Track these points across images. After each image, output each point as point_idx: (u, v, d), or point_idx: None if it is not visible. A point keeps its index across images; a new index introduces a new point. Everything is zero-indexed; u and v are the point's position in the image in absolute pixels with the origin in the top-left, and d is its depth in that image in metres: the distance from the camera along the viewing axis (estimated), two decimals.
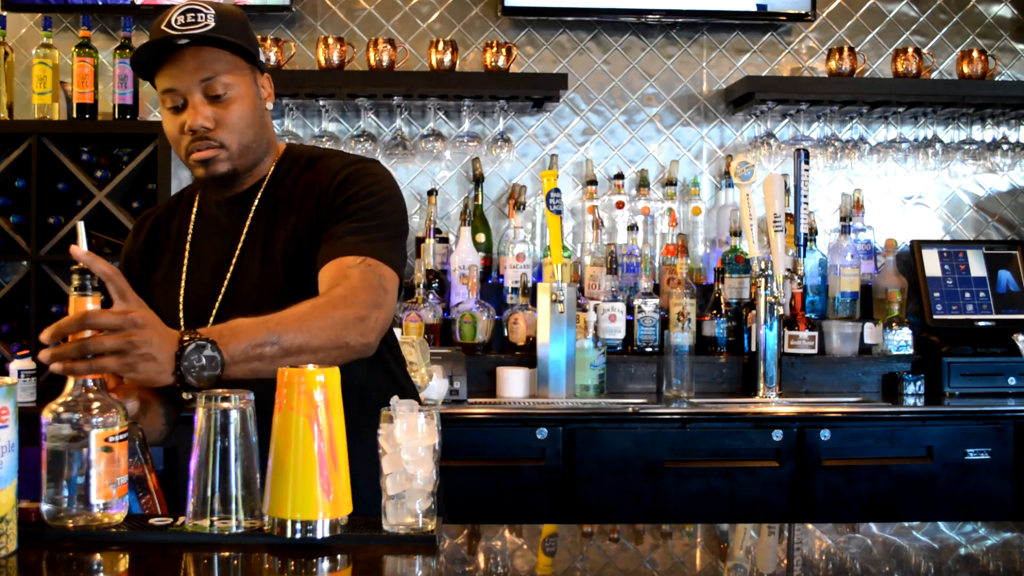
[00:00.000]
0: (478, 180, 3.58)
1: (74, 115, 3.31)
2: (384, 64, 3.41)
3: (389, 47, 3.42)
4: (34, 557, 1.32)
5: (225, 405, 1.38)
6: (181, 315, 1.74)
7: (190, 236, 1.81)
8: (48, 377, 3.18)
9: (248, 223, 1.76)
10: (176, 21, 1.65)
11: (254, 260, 1.74)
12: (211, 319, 1.71)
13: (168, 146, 3.22)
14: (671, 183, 3.62)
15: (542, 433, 2.87)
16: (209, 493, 1.37)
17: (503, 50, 3.46)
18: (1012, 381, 3.29)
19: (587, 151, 3.68)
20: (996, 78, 3.67)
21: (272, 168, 1.79)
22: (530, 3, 3.55)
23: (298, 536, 1.34)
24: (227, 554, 1.35)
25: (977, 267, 3.57)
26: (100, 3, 3.47)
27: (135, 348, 1.33)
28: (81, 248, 1.34)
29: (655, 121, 3.71)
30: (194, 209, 1.83)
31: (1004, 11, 3.76)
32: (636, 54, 3.70)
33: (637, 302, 3.39)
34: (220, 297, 1.73)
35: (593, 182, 3.59)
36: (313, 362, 1.40)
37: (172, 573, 1.32)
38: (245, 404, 1.39)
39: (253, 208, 1.76)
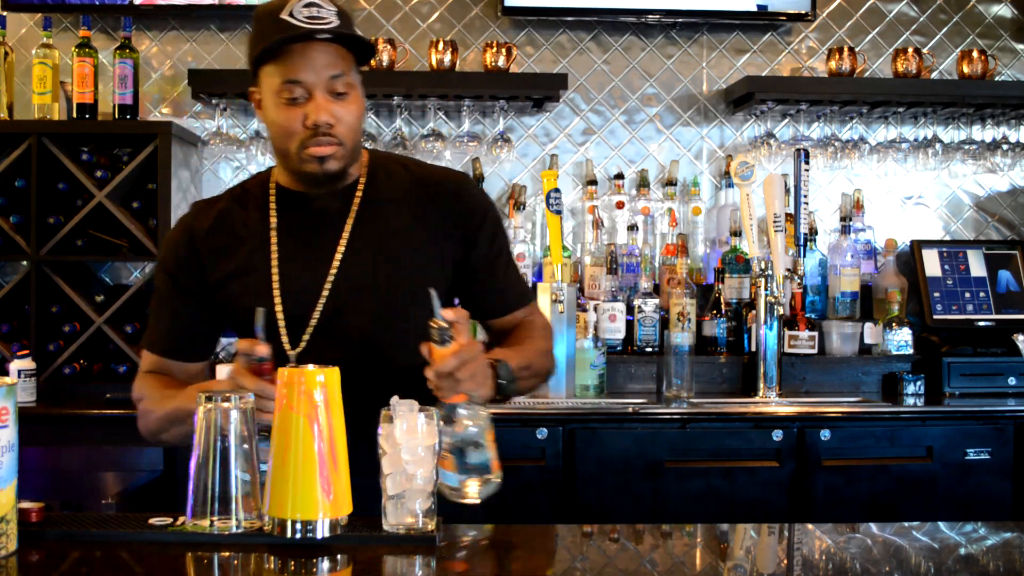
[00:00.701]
0: (478, 180, 3.58)
1: (74, 115, 3.31)
2: (384, 64, 3.41)
3: (389, 47, 3.42)
4: (34, 557, 1.32)
5: (225, 405, 1.38)
6: (279, 304, 1.75)
7: (275, 228, 1.80)
8: (48, 377, 3.18)
9: (352, 217, 1.78)
10: (300, 13, 1.64)
11: (363, 252, 1.76)
12: (318, 308, 1.74)
13: (168, 146, 3.22)
14: (671, 183, 3.62)
15: (542, 433, 2.87)
16: (209, 493, 1.37)
17: (503, 50, 3.46)
18: (1012, 381, 3.29)
19: (587, 151, 3.68)
20: (996, 78, 3.67)
21: (366, 167, 1.83)
22: (530, 3, 3.55)
23: (298, 536, 1.34)
24: (227, 554, 1.35)
25: (977, 267, 3.56)
26: (100, 3, 3.47)
27: (481, 372, 1.57)
28: (440, 314, 1.54)
29: (655, 121, 3.71)
30: (272, 201, 1.83)
31: (1004, 11, 3.76)
32: (636, 54, 3.70)
33: (637, 302, 3.39)
34: (328, 286, 1.75)
35: (593, 182, 3.59)
36: (536, 385, 1.83)
37: (172, 573, 1.32)
38: (245, 404, 1.40)
39: (356, 203, 1.79)
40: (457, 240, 1.81)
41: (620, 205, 3.58)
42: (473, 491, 1.54)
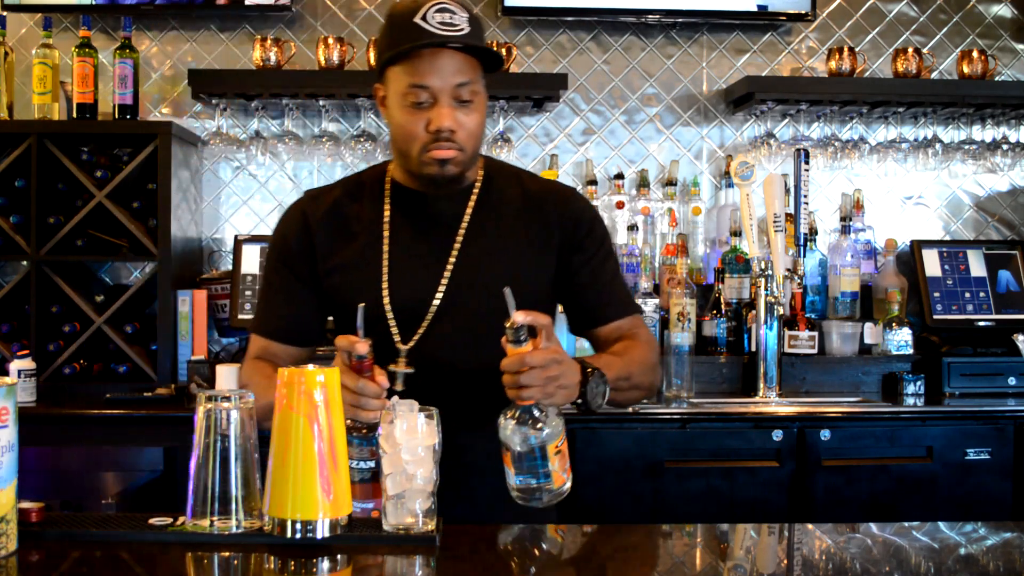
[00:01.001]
0: None
1: (74, 115, 3.31)
2: None
3: None
4: (34, 557, 1.32)
5: (225, 405, 1.38)
6: (387, 299, 1.77)
7: (388, 222, 1.82)
8: (48, 377, 3.18)
9: (467, 220, 1.81)
10: (433, 19, 1.66)
11: (476, 255, 1.78)
12: (432, 306, 1.75)
13: (168, 146, 3.22)
14: (671, 183, 3.62)
15: None
16: (209, 493, 1.37)
17: (503, 50, 3.46)
18: (1012, 381, 3.29)
19: (587, 151, 3.68)
20: (996, 78, 3.67)
21: (482, 172, 1.85)
22: (530, 3, 3.55)
23: (298, 536, 1.34)
24: (227, 554, 1.35)
25: (977, 267, 3.56)
26: (100, 3, 3.46)
27: (555, 381, 1.54)
28: (515, 313, 1.52)
29: (655, 121, 3.71)
30: (387, 198, 1.84)
31: (1004, 11, 3.76)
32: (636, 54, 3.70)
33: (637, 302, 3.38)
34: (443, 286, 1.77)
35: (593, 182, 3.59)
36: (637, 398, 1.84)
37: (172, 573, 1.32)
38: (245, 404, 1.40)
39: (471, 206, 1.81)
40: (563, 248, 1.83)
41: (620, 205, 3.58)
42: (521, 498, 1.56)
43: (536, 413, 1.52)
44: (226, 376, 3.05)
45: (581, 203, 1.89)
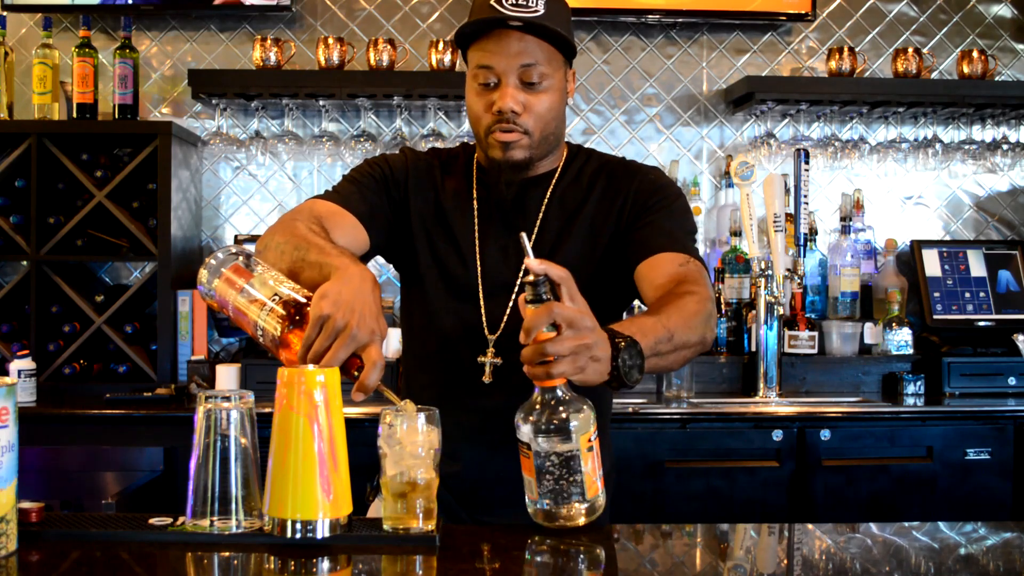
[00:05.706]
0: None
1: (74, 115, 3.31)
2: (384, 64, 3.41)
3: (389, 47, 3.42)
4: (34, 557, 1.32)
5: (225, 405, 1.38)
6: (480, 281, 1.76)
7: (476, 205, 1.81)
8: (48, 377, 3.18)
9: (543, 210, 1.79)
10: (508, 0, 1.66)
11: (552, 246, 1.76)
12: (511, 299, 1.74)
13: (168, 146, 3.22)
14: None
15: None
16: (209, 493, 1.37)
17: None
18: (1012, 381, 3.29)
19: None
20: (996, 78, 3.67)
21: (563, 161, 1.83)
22: None
23: (298, 536, 1.34)
24: (227, 554, 1.35)
25: (977, 267, 3.56)
26: (100, 3, 3.46)
27: (588, 351, 1.30)
28: (532, 259, 1.32)
29: (655, 121, 3.71)
30: (474, 178, 1.83)
31: (1004, 11, 3.76)
32: (636, 54, 3.70)
33: (637, 302, 3.38)
34: (520, 279, 1.75)
35: None
36: (686, 357, 1.52)
37: (172, 573, 1.32)
38: (245, 404, 1.39)
39: (547, 197, 1.80)
40: (632, 214, 1.75)
41: None
42: (549, 517, 1.39)
43: (560, 394, 1.29)
44: (226, 376, 3.06)
45: (656, 174, 1.82)
